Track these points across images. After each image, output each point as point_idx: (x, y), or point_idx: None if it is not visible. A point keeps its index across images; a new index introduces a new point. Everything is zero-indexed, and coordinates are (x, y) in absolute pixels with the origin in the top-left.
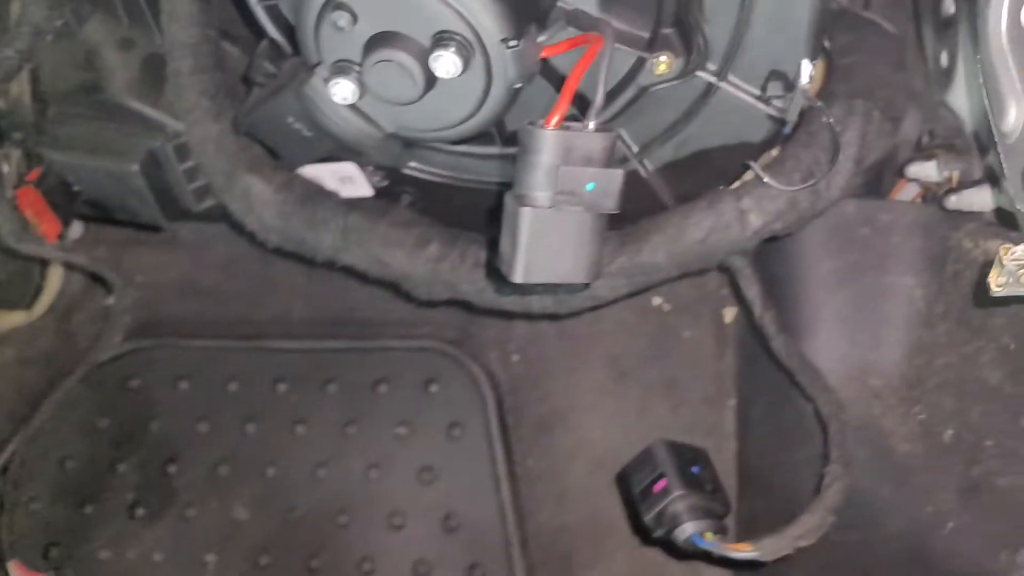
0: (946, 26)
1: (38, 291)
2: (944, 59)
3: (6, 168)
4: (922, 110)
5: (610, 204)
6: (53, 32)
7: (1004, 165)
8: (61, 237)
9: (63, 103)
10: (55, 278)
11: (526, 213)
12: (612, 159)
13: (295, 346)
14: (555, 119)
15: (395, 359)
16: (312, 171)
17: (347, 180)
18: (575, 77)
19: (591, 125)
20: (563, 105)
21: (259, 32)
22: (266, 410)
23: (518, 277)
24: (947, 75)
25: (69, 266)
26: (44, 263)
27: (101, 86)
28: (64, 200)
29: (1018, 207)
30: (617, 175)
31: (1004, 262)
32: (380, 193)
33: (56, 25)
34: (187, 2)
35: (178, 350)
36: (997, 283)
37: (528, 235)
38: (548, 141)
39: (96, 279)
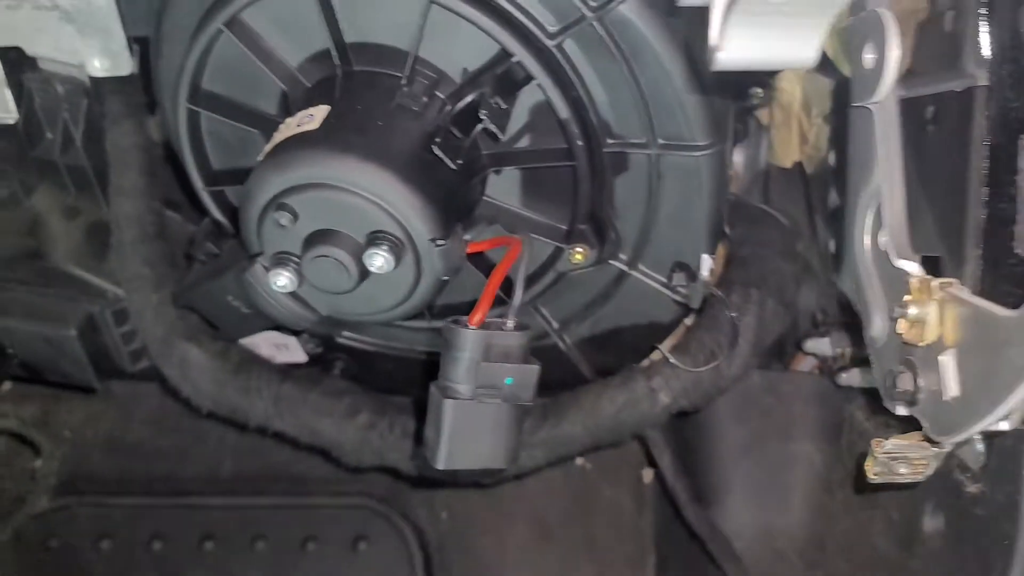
0: (833, 216)
1: None
2: (832, 245)
3: None
4: (817, 288)
5: (527, 396)
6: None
7: (873, 367)
8: None
9: (4, 268)
10: None
11: (448, 404)
12: (528, 354)
13: (223, 503)
14: (476, 317)
15: (324, 516)
16: (248, 338)
17: (282, 347)
18: (495, 282)
19: (509, 323)
20: (484, 306)
21: (202, 209)
22: (192, 569)
23: (441, 464)
24: (836, 259)
25: None
26: None
27: (43, 253)
28: None
29: (887, 406)
30: (533, 371)
31: (877, 454)
32: (314, 359)
33: (3, 194)
34: (135, 176)
35: (102, 508)
36: (873, 472)
37: (450, 425)
38: (470, 339)
39: (22, 439)
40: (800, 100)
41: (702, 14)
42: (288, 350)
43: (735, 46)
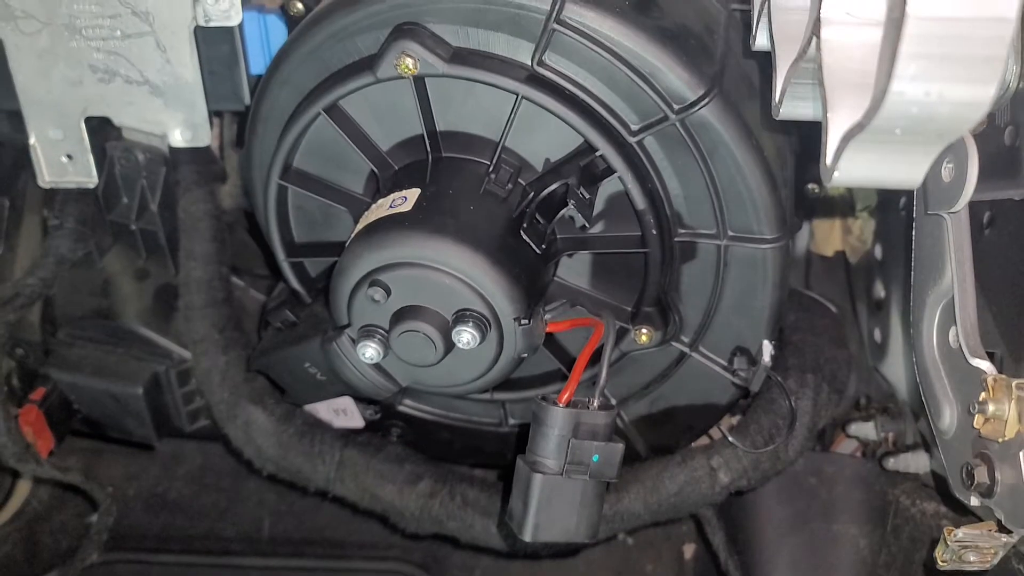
0: (878, 307)
1: (5, 498)
2: (878, 335)
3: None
4: (859, 373)
5: (612, 473)
6: (75, 262)
7: (943, 460)
8: (51, 453)
9: (75, 326)
10: (23, 486)
11: (538, 479)
12: (612, 433)
13: (262, 564)
14: (566, 396)
15: None
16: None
17: (341, 412)
18: (582, 362)
19: (595, 403)
20: (572, 385)
21: (276, 272)
22: None
23: (528, 536)
24: (881, 349)
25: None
26: (15, 473)
27: (114, 313)
28: (62, 418)
29: (958, 496)
30: (619, 449)
31: (948, 542)
32: (371, 425)
33: (79, 255)
34: (205, 242)
35: (143, 564)
36: (943, 559)
37: (538, 498)
38: (561, 417)
39: (71, 490)
40: (845, 193)
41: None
42: (346, 415)
43: (850, 167)
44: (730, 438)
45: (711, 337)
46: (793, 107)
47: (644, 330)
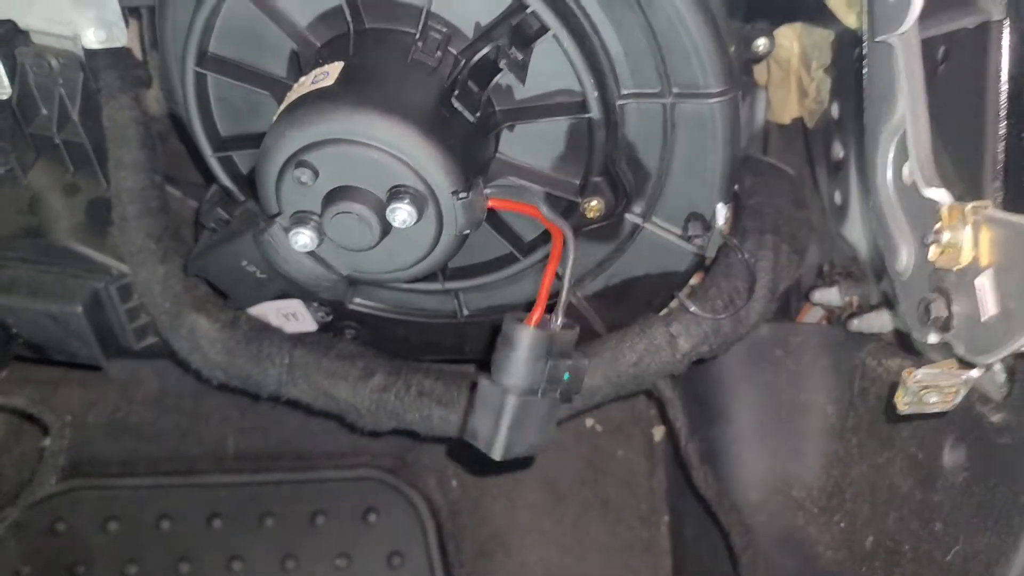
0: (837, 168)
1: None
2: (838, 197)
3: None
4: (821, 241)
5: (578, 388)
6: None
7: (900, 301)
8: None
9: (4, 247)
10: None
11: (511, 400)
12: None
13: (230, 480)
14: (535, 317)
15: (332, 490)
16: (256, 308)
17: (291, 316)
18: (547, 281)
19: (559, 323)
20: (541, 306)
21: (208, 177)
22: (201, 548)
23: (499, 456)
24: (841, 211)
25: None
26: None
27: (45, 230)
28: (1, 342)
29: (915, 336)
30: (586, 366)
31: (908, 384)
32: (323, 328)
33: (0, 172)
34: (134, 150)
35: (107, 490)
36: (903, 403)
37: (510, 418)
38: (533, 338)
39: (25, 418)
40: (799, 55)
41: None
42: (297, 319)
43: None
44: (689, 305)
45: (663, 205)
46: None
47: (594, 202)
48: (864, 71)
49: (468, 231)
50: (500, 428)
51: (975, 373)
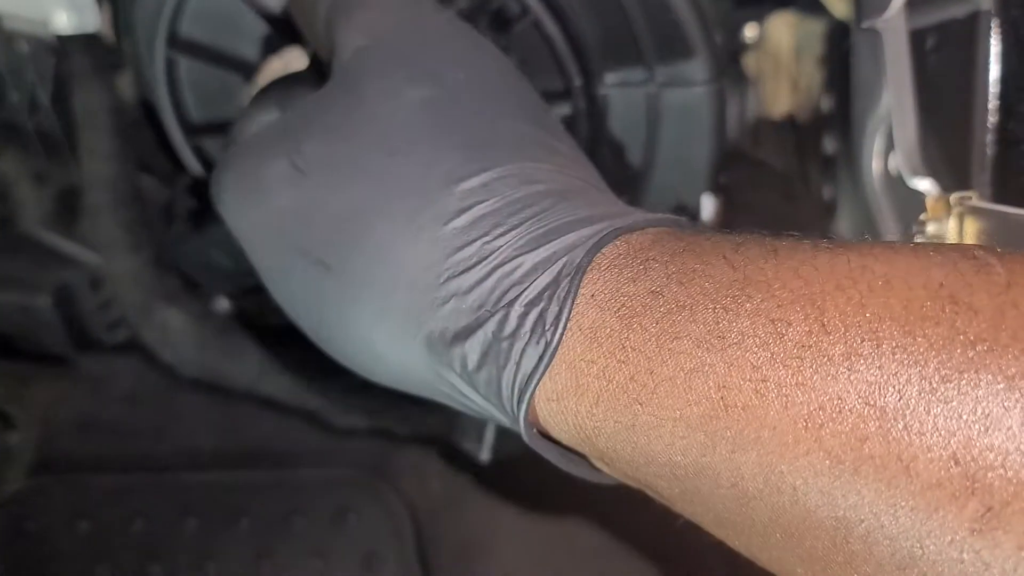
0: (828, 164)
1: None
2: (828, 192)
3: None
4: (812, 237)
5: None
6: None
7: None
8: None
9: None
10: None
11: None
12: None
13: (204, 479)
14: None
15: (309, 490)
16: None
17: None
18: None
19: None
20: None
21: (179, 166)
22: (173, 548)
23: (485, 457)
24: (832, 207)
25: None
26: None
27: (12, 220)
28: None
29: None
30: None
31: None
32: None
33: None
34: (107, 138)
35: (78, 488)
36: None
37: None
38: None
39: None
40: (790, 47)
41: None
42: None
43: None
44: None
45: (648, 198)
46: None
47: None
48: (851, 61)
49: None
50: (486, 429)
51: None
